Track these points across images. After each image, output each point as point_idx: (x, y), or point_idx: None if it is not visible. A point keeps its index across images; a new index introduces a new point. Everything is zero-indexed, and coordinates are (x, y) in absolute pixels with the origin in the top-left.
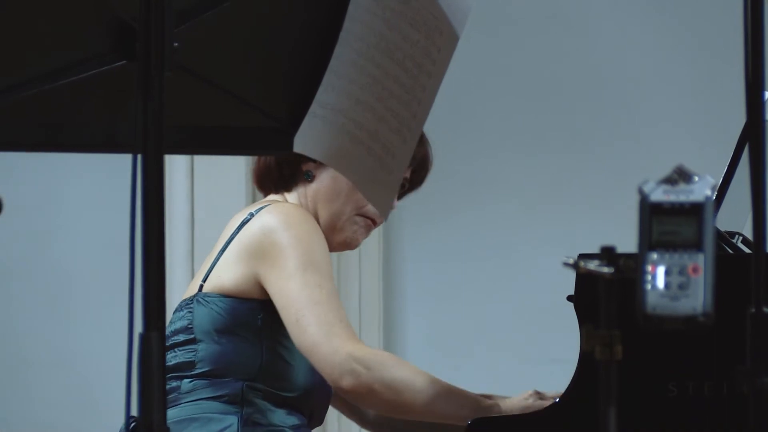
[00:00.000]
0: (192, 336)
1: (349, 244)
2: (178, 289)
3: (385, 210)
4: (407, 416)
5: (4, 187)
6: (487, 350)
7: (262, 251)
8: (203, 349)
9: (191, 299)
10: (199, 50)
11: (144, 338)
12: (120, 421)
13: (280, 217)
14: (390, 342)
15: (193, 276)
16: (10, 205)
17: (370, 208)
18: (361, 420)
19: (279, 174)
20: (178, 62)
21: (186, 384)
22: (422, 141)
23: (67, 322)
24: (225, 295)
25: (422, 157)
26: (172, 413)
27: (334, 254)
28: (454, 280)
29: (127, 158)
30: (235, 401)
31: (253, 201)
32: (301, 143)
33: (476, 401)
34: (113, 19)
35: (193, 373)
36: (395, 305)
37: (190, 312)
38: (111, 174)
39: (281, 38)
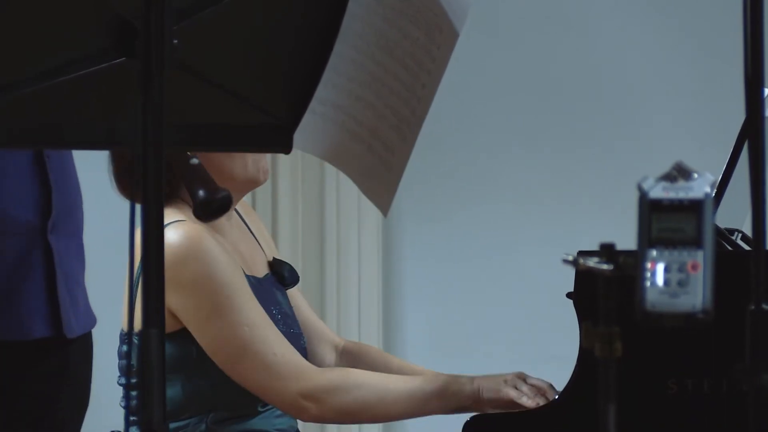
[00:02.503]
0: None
1: (263, 181)
2: None
3: (385, 208)
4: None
5: None
6: (488, 348)
7: (170, 290)
8: None
9: (126, 337)
10: (198, 48)
11: (143, 335)
12: (119, 417)
13: (177, 250)
14: (389, 341)
15: None
16: None
17: None
18: None
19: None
20: (177, 60)
21: None
22: None
23: None
24: None
25: None
26: None
27: (333, 255)
28: (454, 278)
29: None
30: None
31: (253, 200)
32: (301, 140)
33: (457, 396)
34: (113, 16)
35: None
36: (395, 304)
37: (129, 353)
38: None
39: (281, 35)
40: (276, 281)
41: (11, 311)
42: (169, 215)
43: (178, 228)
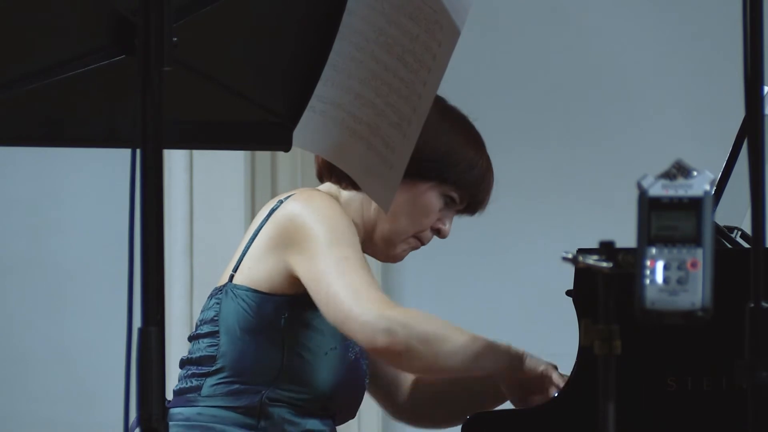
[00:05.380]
0: (216, 329)
1: (394, 259)
2: (176, 284)
3: (385, 205)
4: (446, 374)
5: (3, 182)
6: None
7: (289, 238)
8: (225, 344)
9: (221, 289)
10: (198, 45)
11: (143, 333)
12: (119, 415)
13: (303, 202)
14: None
15: (191, 271)
16: (8, 200)
17: (427, 234)
18: (393, 407)
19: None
20: (176, 57)
21: (207, 388)
22: (489, 166)
23: (66, 317)
24: (254, 290)
25: (477, 180)
26: (188, 412)
27: None
28: (453, 274)
29: (127, 153)
30: (252, 414)
31: (252, 197)
32: (301, 138)
33: (508, 353)
34: (112, 14)
35: (213, 368)
36: (394, 300)
37: (218, 303)
38: (110, 169)
39: (281, 33)
40: None
41: None
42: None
43: (310, 191)
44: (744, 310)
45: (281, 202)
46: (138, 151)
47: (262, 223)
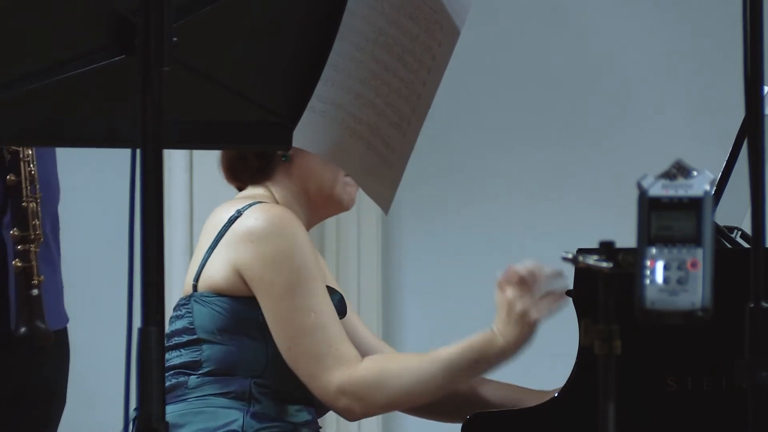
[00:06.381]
0: (195, 336)
1: (346, 206)
2: (176, 285)
3: (385, 205)
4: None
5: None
6: None
7: (248, 260)
8: (207, 349)
9: (188, 299)
10: (198, 45)
11: (142, 333)
12: (119, 415)
13: (266, 225)
14: (389, 336)
15: None
16: None
17: None
18: None
19: (255, 163)
20: (176, 57)
21: (193, 380)
22: None
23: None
24: (222, 295)
25: None
26: (178, 407)
27: (333, 250)
28: (454, 274)
29: (127, 153)
30: (243, 398)
31: None
32: (301, 138)
33: (472, 355)
34: (112, 14)
35: (200, 372)
36: (394, 300)
37: (190, 312)
38: (110, 169)
39: (281, 33)
40: None
41: None
42: (257, 196)
43: (269, 207)
44: (744, 310)
45: (239, 212)
46: (138, 151)
47: (221, 233)
